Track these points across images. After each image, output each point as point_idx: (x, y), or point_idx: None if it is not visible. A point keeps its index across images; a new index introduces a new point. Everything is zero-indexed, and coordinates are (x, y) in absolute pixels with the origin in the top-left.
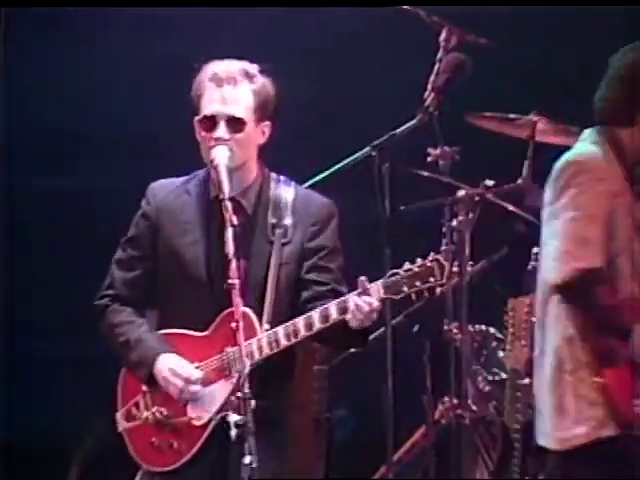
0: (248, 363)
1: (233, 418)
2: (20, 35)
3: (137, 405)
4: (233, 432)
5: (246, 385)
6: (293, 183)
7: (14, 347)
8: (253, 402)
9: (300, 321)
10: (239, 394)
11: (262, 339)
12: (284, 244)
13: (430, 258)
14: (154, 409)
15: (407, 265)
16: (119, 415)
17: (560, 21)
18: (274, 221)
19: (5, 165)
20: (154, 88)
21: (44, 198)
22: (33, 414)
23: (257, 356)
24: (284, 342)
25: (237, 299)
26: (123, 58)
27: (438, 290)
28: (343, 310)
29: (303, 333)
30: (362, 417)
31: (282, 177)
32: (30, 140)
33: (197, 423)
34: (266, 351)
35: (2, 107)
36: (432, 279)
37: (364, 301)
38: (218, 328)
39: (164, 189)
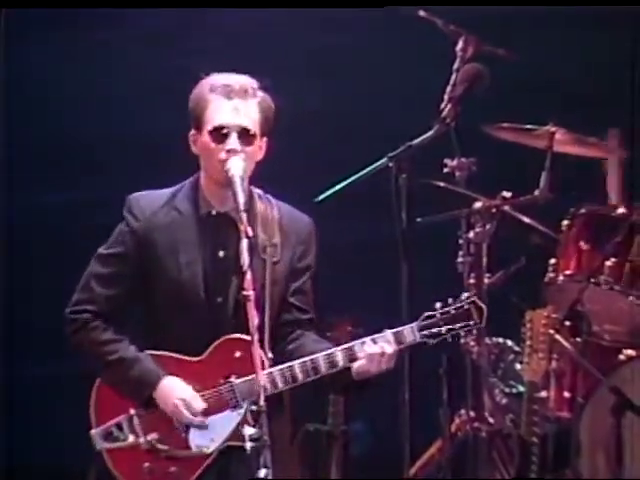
0: (249, 392)
1: (248, 431)
2: (20, 35)
3: (119, 426)
4: (248, 445)
5: (262, 398)
6: (272, 198)
7: (13, 365)
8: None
9: (321, 359)
10: (254, 407)
11: (274, 373)
12: (275, 263)
13: (467, 300)
14: (150, 437)
15: (439, 307)
16: (95, 433)
17: (576, 33)
18: (265, 238)
19: (5, 165)
20: (157, 92)
21: (44, 209)
22: (33, 433)
23: (270, 390)
24: (301, 378)
25: (253, 311)
26: (124, 59)
27: (475, 332)
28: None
29: (324, 371)
30: (378, 430)
31: (260, 191)
32: (30, 141)
33: (202, 453)
34: (281, 386)
35: (2, 107)
36: (471, 322)
37: (379, 347)
38: (214, 354)
39: (150, 204)
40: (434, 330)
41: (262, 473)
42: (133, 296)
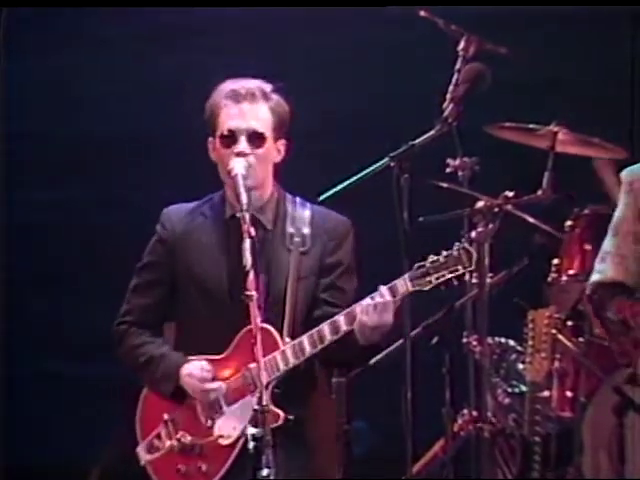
0: (265, 375)
1: (251, 431)
2: (20, 35)
3: (159, 436)
4: (251, 444)
5: (265, 398)
6: (308, 203)
7: (14, 363)
8: (282, 414)
9: (325, 326)
10: (257, 407)
11: (286, 350)
12: (303, 253)
13: (456, 247)
14: (179, 435)
15: (432, 257)
16: (140, 448)
17: (575, 32)
18: (292, 231)
19: (4, 164)
20: (159, 91)
21: (44, 208)
22: (33, 433)
23: (282, 367)
24: (309, 349)
25: (255, 311)
26: (124, 58)
27: (467, 277)
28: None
29: (329, 337)
30: (381, 429)
31: (297, 198)
32: (29, 140)
33: (225, 442)
34: (292, 361)
35: (1, 106)
36: (460, 267)
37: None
38: (237, 347)
39: (179, 213)
40: (426, 278)
41: (264, 472)
42: (167, 302)
